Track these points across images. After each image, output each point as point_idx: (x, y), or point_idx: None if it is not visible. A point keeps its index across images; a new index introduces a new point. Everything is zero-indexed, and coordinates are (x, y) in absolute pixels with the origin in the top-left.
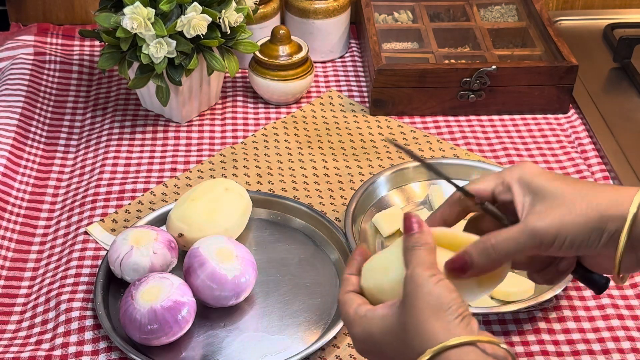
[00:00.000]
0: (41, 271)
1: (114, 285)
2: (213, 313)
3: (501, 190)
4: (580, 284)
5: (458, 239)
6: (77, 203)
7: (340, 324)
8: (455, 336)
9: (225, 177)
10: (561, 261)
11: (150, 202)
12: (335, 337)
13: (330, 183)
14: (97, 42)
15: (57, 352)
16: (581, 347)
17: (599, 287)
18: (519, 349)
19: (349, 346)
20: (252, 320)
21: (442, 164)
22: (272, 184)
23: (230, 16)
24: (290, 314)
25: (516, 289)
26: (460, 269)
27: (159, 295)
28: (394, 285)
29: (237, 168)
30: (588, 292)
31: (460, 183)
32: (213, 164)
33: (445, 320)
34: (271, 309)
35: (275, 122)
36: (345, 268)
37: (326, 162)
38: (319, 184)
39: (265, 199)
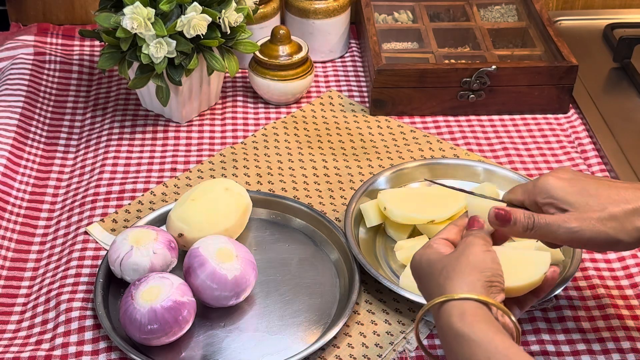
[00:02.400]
0: (41, 271)
1: (114, 285)
2: (213, 313)
3: (529, 204)
4: (581, 284)
5: None
6: (77, 203)
7: (341, 324)
8: (477, 294)
9: (225, 177)
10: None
11: (150, 202)
12: (335, 337)
13: (330, 183)
14: (97, 42)
15: (57, 352)
16: (581, 347)
17: None
18: None
19: (348, 346)
20: (252, 320)
21: (443, 164)
22: (272, 184)
23: (230, 16)
24: (290, 314)
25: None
26: (503, 220)
27: (159, 295)
28: None
29: (237, 168)
30: (588, 292)
31: (465, 184)
32: (213, 164)
33: (475, 278)
34: (271, 309)
35: (275, 122)
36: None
37: (326, 162)
38: (319, 184)
39: (265, 199)
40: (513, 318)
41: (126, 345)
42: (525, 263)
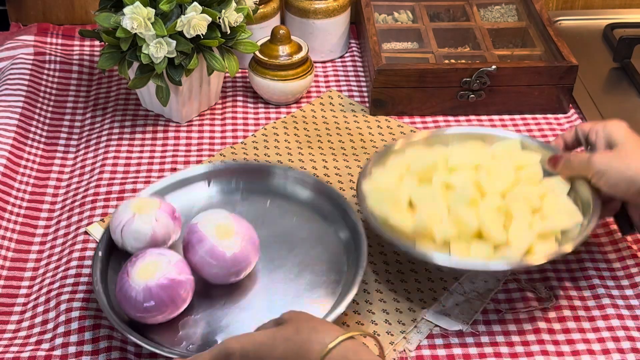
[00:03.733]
0: (41, 271)
1: (114, 260)
2: (214, 290)
3: (591, 133)
4: (581, 284)
5: None
6: (77, 203)
7: (346, 303)
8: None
9: None
10: (611, 202)
11: None
12: (345, 314)
13: (331, 183)
14: (97, 42)
15: (57, 352)
16: (581, 347)
17: (625, 229)
18: (519, 349)
19: (357, 323)
20: (253, 299)
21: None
22: None
23: (230, 16)
24: (295, 292)
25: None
26: (555, 161)
27: (155, 273)
28: None
29: None
30: (588, 292)
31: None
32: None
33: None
34: (274, 287)
35: (275, 122)
36: None
37: (326, 162)
38: None
39: (270, 170)
40: (362, 334)
41: (121, 323)
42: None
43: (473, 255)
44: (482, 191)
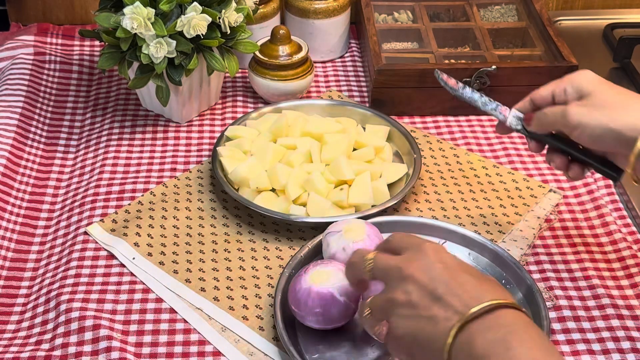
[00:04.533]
0: (41, 271)
1: None
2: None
3: (558, 93)
4: (581, 284)
5: None
6: (77, 203)
7: None
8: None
9: None
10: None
11: (150, 202)
12: None
13: None
14: (97, 42)
15: (57, 352)
16: (581, 347)
17: (613, 177)
18: None
19: None
20: None
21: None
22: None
23: (230, 16)
24: None
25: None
26: (529, 119)
27: (324, 282)
28: None
29: None
30: (588, 292)
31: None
32: None
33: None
34: None
35: None
36: None
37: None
38: None
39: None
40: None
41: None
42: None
43: (276, 206)
44: (310, 158)
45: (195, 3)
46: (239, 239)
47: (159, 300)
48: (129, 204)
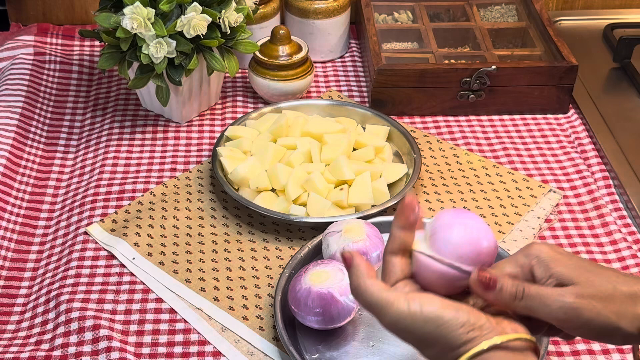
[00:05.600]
0: (41, 271)
1: None
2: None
3: (524, 274)
4: None
5: None
6: (77, 203)
7: None
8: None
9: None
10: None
11: (150, 203)
12: None
13: None
14: (97, 42)
15: (57, 352)
16: (581, 347)
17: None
18: None
19: None
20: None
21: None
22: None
23: (230, 16)
24: None
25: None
26: (487, 286)
27: (323, 282)
28: None
29: None
30: None
31: None
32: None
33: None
34: None
35: None
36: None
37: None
38: None
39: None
40: (528, 336)
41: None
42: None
43: (276, 206)
44: (310, 158)
45: (195, 3)
46: (239, 239)
47: (159, 300)
48: (129, 204)
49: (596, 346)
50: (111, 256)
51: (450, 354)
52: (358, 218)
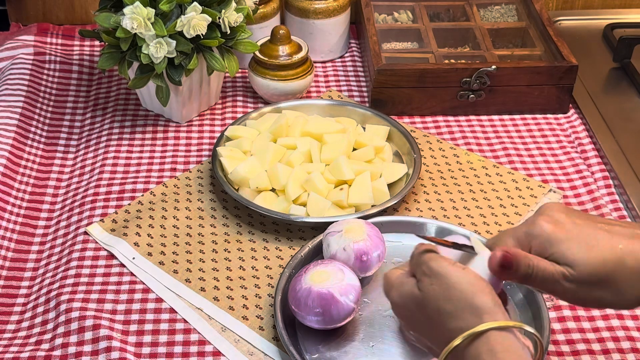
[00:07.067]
0: (41, 271)
1: None
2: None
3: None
4: None
5: None
6: (77, 203)
7: None
8: (496, 320)
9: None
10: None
11: (150, 202)
12: None
13: None
14: (97, 42)
15: (57, 352)
16: (581, 347)
17: None
18: None
19: None
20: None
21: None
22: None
23: (230, 16)
24: None
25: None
26: (507, 266)
27: (324, 282)
28: None
29: None
30: None
31: None
32: None
33: (482, 302)
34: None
35: None
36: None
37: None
38: None
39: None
40: (533, 331)
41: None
42: None
43: (276, 206)
44: (310, 158)
45: (195, 3)
46: (239, 239)
47: (159, 300)
48: (129, 204)
49: (596, 346)
50: (111, 256)
51: (471, 318)
52: (358, 218)
